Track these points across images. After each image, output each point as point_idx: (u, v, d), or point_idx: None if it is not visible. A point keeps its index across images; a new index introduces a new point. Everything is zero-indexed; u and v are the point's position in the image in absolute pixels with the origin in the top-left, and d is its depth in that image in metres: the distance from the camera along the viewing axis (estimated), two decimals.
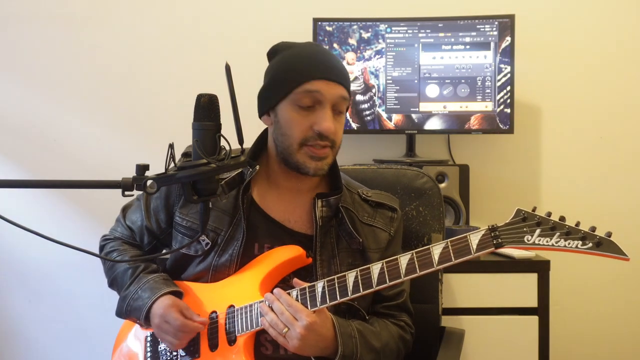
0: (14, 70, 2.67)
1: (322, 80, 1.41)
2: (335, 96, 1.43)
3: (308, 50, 1.47)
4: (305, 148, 1.43)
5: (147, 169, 1.08)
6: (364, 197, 1.57)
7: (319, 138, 1.42)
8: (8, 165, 2.66)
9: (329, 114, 1.42)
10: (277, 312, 1.34)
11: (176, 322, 1.40)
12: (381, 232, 1.55)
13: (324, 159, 1.45)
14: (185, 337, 1.43)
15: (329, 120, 1.41)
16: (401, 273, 1.32)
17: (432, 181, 1.76)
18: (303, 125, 1.42)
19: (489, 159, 2.63)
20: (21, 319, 2.71)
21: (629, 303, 2.64)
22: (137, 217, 1.61)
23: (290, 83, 1.42)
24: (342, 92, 1.44)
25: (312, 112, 1.42)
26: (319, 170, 1.45)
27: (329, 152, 1.46)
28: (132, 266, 1.54)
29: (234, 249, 1.48)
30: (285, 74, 1.44)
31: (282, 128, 1.45)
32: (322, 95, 1.41)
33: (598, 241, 1.20)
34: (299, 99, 1.42)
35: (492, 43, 2.42)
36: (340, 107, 1.45)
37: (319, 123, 1.41)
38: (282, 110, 1.44)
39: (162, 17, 2.66)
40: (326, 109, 1.42)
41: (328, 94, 1.42)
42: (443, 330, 1.72)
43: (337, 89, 1.43)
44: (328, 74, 1.43)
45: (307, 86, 1.41)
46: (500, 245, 1.26)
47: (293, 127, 1.43)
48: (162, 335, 1.45)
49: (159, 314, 1.43)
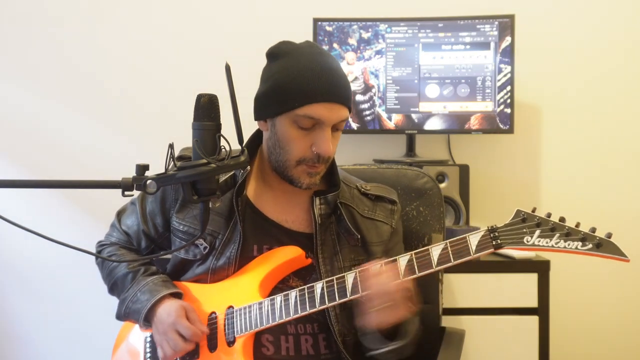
0: (14, 70, 2.67)
1: (325, 103, 1.38)
2: (336, 119, 1.40)
3: (311, 63, 1.40)
4: (302, 165, 1.42)
5: (147, 169, 1.08)
6: (363, 191, 1.56)
7: (316, 159, 1.41)
8: (8, 165, 2.66)
9: (328, 136, 1.40)
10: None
11: (187, 332, 1.39)
12: (383, 225, 1.54)
13: (318, 174, 1.45)
14: (189, 348, 1.42)
15: (328, 143, 1.39)
16: (400, 274, 1.32)
17: (433, 181, 1.76)
18: (302, 145, 1.40)
19: (489, 159, 2.63)
20: (21, 319, 2.71)
21: (629, 303, 2.64)
22: (132, 222, 1.60)
23: (291, 102, 1.38)
24: (343, 114, 1.41)
25: (312, 132, 1.40)
26: (312, 184, 1.45)
27: (323, 168, 1.46)
28: (132, 270, 1.53)
29: (231, 251, 1.48)
30: (286, 90, 1.39)
31: (279, 141, 1.42)
32: (323, 119, 1.38)
33: (598, 242, 1.20)
34: (299, 120, 1.39)
35: (492, 43, 2.42)
36: (339, 126, 1.43)
37: (319, 145, 1.39)
38: (281, 124, 1.41)
39: (163, 17, 2.65)
40: (326, 132, 1.39)
41: (329, 118, 1.39)
42: (443, 331, 1.72)
43: (339, 111, 1.40)
44: (331, 96, 1.38)
45: (307, 110, 1.37)
46: (500, 246, 1.26)
47: (291, 144, 1.41)
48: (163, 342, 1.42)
49: (167, 322, 1.40)
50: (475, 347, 2.06)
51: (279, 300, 1.40)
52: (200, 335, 1.41)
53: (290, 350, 1.44)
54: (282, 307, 1.39)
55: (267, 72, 1.46)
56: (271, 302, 1.40)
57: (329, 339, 1.45)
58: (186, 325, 1.39)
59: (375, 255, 1.46)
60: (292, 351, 1.44)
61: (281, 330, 1.44)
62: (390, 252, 1.50)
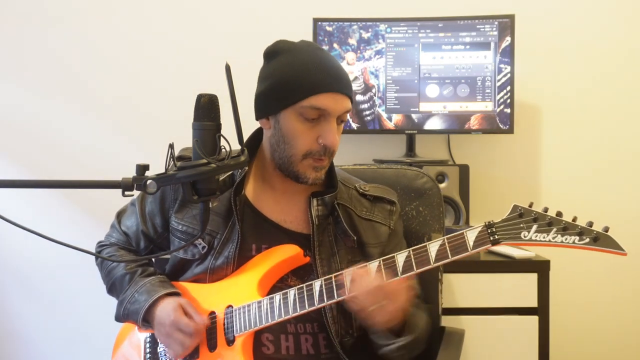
0: (14, 70, 2.67)
1: (329, 93, 1.39)
2: (341, 110, 1.41)
3: (312, 57, 1.41)
4: (308, 159, 1.43)
5: (147, 169, 1.08)
6: (362, 192, 1.56)
7: (323, 151, 1.42)
8: (8, 165, 2.67)
9: (334, 127, 1.41)
10: None
11: (189, 329, 1.39)
12: (381, 227, 1.54)
13: (324, 168, 1.45)
14: (195, 342, 1.42)
15: (335, 134, 1.40)
16: (398, 271, 1.32)
17: (432, 181, 1.76)
18: (308, 137, 1.41)
19: (489, 159, 2.63)
20: (21, 319, 2.71)
21: (629, 303, 2.64)
22: (132, 222, 1.60)
23: (296, 95, 1.39)
24: (347, 105, 1.43)
25: (317, 124, 1.40)
26: (318, 179, 1.46)
27: (328, 162, 1.46)
28: (130, 272, 1.53)
29: (229, 251, 1.48)
30: (290, 84, 1.40)
31: (284, 137, 1.42)
32: (328, 110, 1.39)
33: (595, 236, 1.19)
34: (304, 112, 1.39)
35: (492, 43, 2.42)
36: (343, 117, 1.45)
37: (325, 137, 1.40)
38: (285, 119, 1.42)
39: (163, 18, 2.66)
40: (332, 123, 1.40)
41: (335, 108, 1.40)
42: (443, 330, 1.71)
43: (343, 102, 1.41)
44: (335, 86, 1.40)
45: (313, 100, 1.38)
46: (497, 242, 1.25)
47: (297, 138, 1.41)
48: (170, 343, 1.42)
49: (168, 322, 1.41)
50: (475, 347, 2.06)
51: (278, 298, 1.40)
52: (203, 328, 1.42)
53: (291, 349, 1.44)
54: (281, 306, 1.39)
55: (266, 70, 1.46)
56: (270, 301, 1.41)
57: (329, 338, 1.45)
58: (186, 322, 1.39)
59: (372, 256, 1.45)
60: (292, 350, 1.44)
61: (281, 329, 1.44)
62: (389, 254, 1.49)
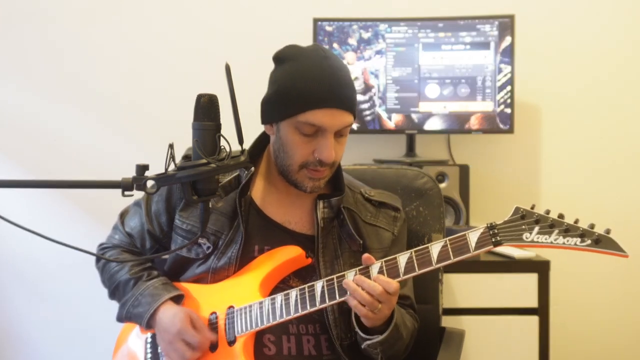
0: (15, 70, 2.67)
1: (326, 109, 1.37)
2: (339, 125, 1.40)
3: (315, 68, 1.38)
4: (305, 170, 1.42)
5: (147, 169, 1.08)
6: (367, 197, 1.56)
7: (319, 164, 1.41)
8: (8, 165, 2.66)
9: (330, 142, 1.39)
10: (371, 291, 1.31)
11: (194, 340, 1.38)
12: (384, 232, 1.54)
13: (322, 178, 1.45)
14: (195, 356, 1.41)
15: (331, 149, 1.39)
16: (400, 272, 1.32)
17: (433, 181, 1.76)
18: (304, 150, 1.40)
19: (489, 159, 2.63)
20: (21, 320, 2.71)
21: (629, 303, 2.64)
22: (136, 223, 1.59)
23: (293, 108, 1.37)
24: (346, 120, 1.41)
25: (314, 138, 1.39)
26: (316, 188, 1.45)
27: (328, 173, 1.45)
28: (135, 277, 1.52)
29: (232, 252, 1.47)
30: (288, 96, 1.38)
31: (283, 146, 1.43)
32: (324, 126, 1.38)
33: (597, 238, 1.20)
34: (300, 127, 1.38)
35: (492, 43, 2.41)
36: (343, 132, 1.43)
37: (321, 152, 1.39)
38: (284, 129, 1.41)
39: (163, 18, 2.65)
40: (328, 138, 1.39)
41: (331, 124, 1.38)
42: (443, 331, 1.71)
43: (342, 117, 1.39)
44: (332, 102, 1.37)
45: (309, 116, 1.36)
46: (499, 243, 1.25)
47: (294, 149, 1.41)
48: (170, 351, 1.42)
49: (173, 331, 1.40)
50: (475, 347, 2.06)
51: (279, 299, 1.40)
52: (207, 343, 1.41)
53: (292, 350, 1.44)
54: (282, 306, 1.39)
55: (273, 76, 1.46)
56: (272, 302, 1.41)
57: (331, 340, 1.45)
58: (192, 333, 1.39)
59: None
60: (294, 351, 1.44)
61: (283, 330, 1.44)
62: None
